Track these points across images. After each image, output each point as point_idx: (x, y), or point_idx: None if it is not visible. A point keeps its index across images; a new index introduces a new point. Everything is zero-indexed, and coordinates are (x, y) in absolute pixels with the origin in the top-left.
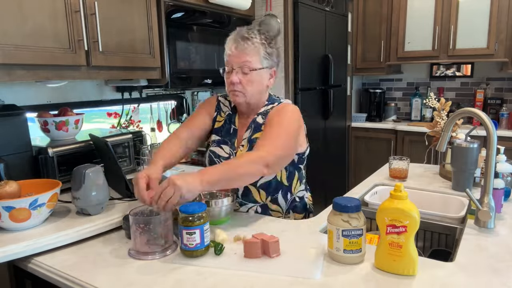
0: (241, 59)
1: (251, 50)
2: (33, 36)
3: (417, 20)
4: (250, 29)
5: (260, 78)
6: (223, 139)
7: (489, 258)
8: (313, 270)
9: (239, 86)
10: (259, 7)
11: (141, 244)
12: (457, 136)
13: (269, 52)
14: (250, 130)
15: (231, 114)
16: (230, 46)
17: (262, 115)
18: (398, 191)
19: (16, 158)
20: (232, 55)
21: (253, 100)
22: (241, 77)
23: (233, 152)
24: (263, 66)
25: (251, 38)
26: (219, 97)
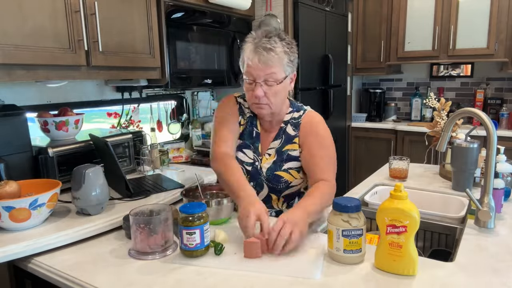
0: (265, 72)
1: (275, 62)
2: (33, 36)
3: (417, 20)
4: (271, 37)
5: (284, 87)
6: (245, 143)
7: (489, 258)
8: (313, 270)
9: (265, 99)
10: (259, 7)
11: (141, 244)
12: (457, 136)
13: (292, 59)
14: (281, 141)
15: (253, 117)
16: (251, 57)
17: (291, 125)
18: (398, 191)
19: (16, 158)
20: (255, 67)
21: (278, 110)
22: (266, 90)
23: (257, 158)
24: (286, 75)
25: (274, 48)
26: (238, 98)
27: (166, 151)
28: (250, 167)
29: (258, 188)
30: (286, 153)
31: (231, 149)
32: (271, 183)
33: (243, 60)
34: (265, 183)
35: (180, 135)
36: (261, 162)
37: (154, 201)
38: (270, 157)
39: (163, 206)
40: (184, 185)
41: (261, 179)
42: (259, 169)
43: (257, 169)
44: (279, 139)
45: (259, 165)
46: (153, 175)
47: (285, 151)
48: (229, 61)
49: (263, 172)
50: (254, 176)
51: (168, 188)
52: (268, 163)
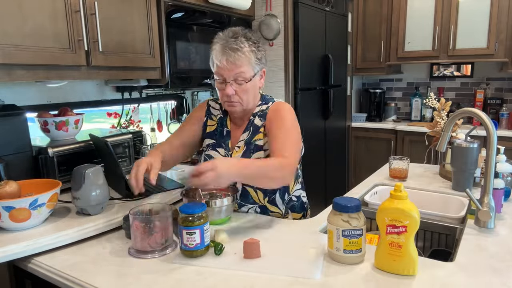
0: (234, 71)
1: (243, 61)
2: (33, 36)
3: (417, 20)
4: (237, 37)
5: (254, 84)
6: (217, 142)
7: (489, 258)
8: (313, 270)
9: (236, 97)
10: (259, 7)
11: (141, 243)
12: (457, 136)
13: (259, 57)
14: (249, 132)
15: (223, 117)
16: (219, 58)
17: (259, 116)
18: (398, 191)
19: (16, 158)
20: (223, 68)
21: (250, 106)
22: (236, 88)
23: (228, 154)
24: (255, 72)
25: (241, 48)
26: (210, 101)
27: None
28: None
29: (232, 182)
30: (253, 143)
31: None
32: None
33: (213, 60)
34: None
35: None
36: (232, 156)
37: (154, 201)
38: (240, 149)
39: (163, 205)
40: (184, 185)
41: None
42: None
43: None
44: (247, 131)
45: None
46: None
47: (253, 142)
48: None
49: None
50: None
51: (168, 188)
52: (237, 156)
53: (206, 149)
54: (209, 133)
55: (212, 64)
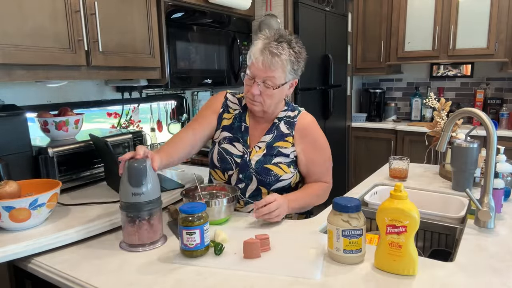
0: (265, 74)
1: (277, 67)
2: (33, 36)
3: (417, 20)
4: (281, 42)
5: (281, 92)
6: (234, 136)
7: (489, 258)
8: (313, 270)
9: (259, 98)
10: (259, 7)
11: (131, 235)
12: (457, 136)
13: (295, 68)
14: (272, 136)
15: (242, 112)
16: (256, 56)
17: (285, 123)
18: (398, 191)
19: (16, 158)
20: (257, 67)
21: (270, 110)
22: (262, 90)
23: (246, 151)
24: (286, 81)
25: (280, 54)
26: (228, 93)
27: None
28: (240, 159)
29: (247, 180)
30: (276, 149)
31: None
32: (260, 175)
33: (250, 56)
34: (254, 175)
35: None
36: (250, 155)
37: None
38: (260, 150)
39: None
40: (184, 185)
41: (250, 172)
42: (248, 161)
43: (246, 162)
44: (271, 134)
45: (248, 157)
46: None
47: (276, 146)
48: (229, 61)
49: (252, 164)
50: (243, 168)
51: (168, 188)
52: (257, 156)
53: (222, 142)
54: (226, 126)
55: (248, 58)
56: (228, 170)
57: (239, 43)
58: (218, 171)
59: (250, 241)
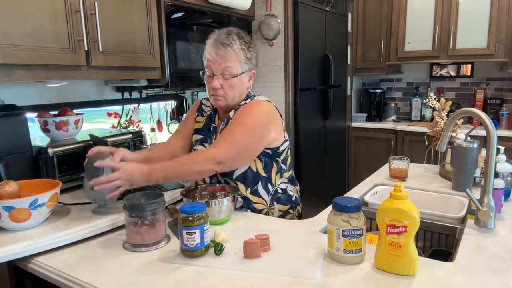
0: (222, 65)
1: (231, 56)
2: (33, 36)
3: (417, 20)
4: (230, 34)
5: (241, 82)
6: (205, 137)
7: (489, 258)
8: (313, 270)
9: (221, 91)
10: (259, 7)
11: (133, 235)
12: (457, 136)
13: (248, 56)
14: (223, 124)
15: (212, 114)
16: (210, 51)
17: (235, 110)
18: (398, 191)
19: (16, 158)
20: (213, 60)
21: (233, 103)
22: (222, 82)
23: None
24: (243, 71)
25: (231, 44)
26: (203, 99)
27: None
28: None
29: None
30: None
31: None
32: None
33: (204, 55)
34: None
35: None
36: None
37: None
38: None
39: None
40: (184, 185)
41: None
42: None
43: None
44: (222, 123)
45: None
46: None
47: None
48: None
49: None
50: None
51: (168, 188)
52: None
53: (194, 144)
54: (198, 129)
55: (204, 58)
56: None
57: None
58: None
59: (250, 241)
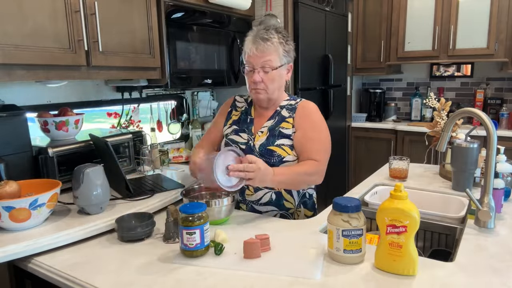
0: (262, 59)
1: (271, 50)
2: (33, 36)
3: (417, 20)
4: (268, 29)
5: (280, 75)
6: (241, 128)
7: (489, 258)
8: (313, 270)
9: (262, 85)
10: (259, 7)
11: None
12: (457, 136)
13: (287, 49)
14: (274, 121)
15: (247, 108)
16: (250, 47)
17: (287, 109)
18: (398, 191)
19: (16, 158)
20: (253, 55)
21: (274, 96)
22: (262, 76)
23: (251, 138)
24: (282, 64)
25: (270, 38)
26: (236, 96)
27: (166, 151)
28: (244, 146)
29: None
30: (278, 130)
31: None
32: (264, 157)
33: (244, 51)
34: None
35: (180, 135)
36: (254, 140)
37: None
38: (263, 134)
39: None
40: (184, 185)
41: (254, 155)
42: (253, 147)
43: (250, 147)
44: (272, 120)
45: (253, 143)
46: (153, 175)
47: (277, 129)
48: (229, 61)
49: (256, 148)
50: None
51: (168, 188)
52: (260, 140)
53: (229, 134)
54: (234, 121)
55: (243, 55)
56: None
57: (239, 43)
58: None
59: (250, 241)
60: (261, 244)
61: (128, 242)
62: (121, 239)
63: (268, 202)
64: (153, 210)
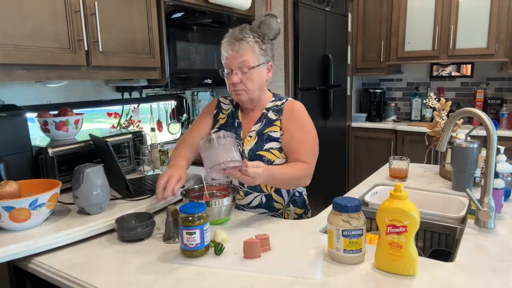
0: (238, 60)
1: (246, 50)
2: (33, 36)
3: (417, 20)
4: (242, 29)
5: (259, 74)
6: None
7: (489, 258)
8: (313, 270)
9: (241, 85)
10: (259, 7)
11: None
12: (457, 136)
13: (263, 48)
14: (261, 124)
15: (234, 111)
16: (226, 48)
17: (273, 111)
18: (398, 191)
19: (16, 158)
20: (229, 57)
21: (255, 95)
22: (241, 77)
23: (240, 143)
24: (260, 63)
25: (244, 38)
26: (220, 97)
27: (166, 151)
28: None
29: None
30: (266, 134)
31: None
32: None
33: (222, 54)
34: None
35: (180, 135)
36: (243, 146)
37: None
38: (251, 139)
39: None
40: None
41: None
42: (242, 152)
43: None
44: (259, 123)
45: (241, 148)
46: (153, 175)
47: (265, 133)
48: None
49: (245, 153)
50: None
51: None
52: (250, 145)
53: None
54: (220, 126)
55: (221, 57)
56: None
57: None
58: None
59: (250, 241)
60: (261, 244)
61: (128, 242)
62: (121, 239)
63: (258, 205)
64: (153, 210)
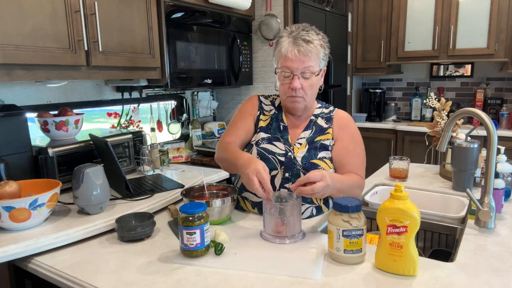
0: (304, 64)
1: (313, 54)
2: (33, 36)
3: (417, 20)
4: (308, 30)
5: (318, 81)
6: (273, 136)
7: (490, 258)
8: (313, 270)
9: (300, 91)
10: (259, 7)
11: (272, 227)
12: (457, 136)
13: (326, 53)
14: (311, 132)
15: (277, 113)
16: (289, 49)
17: (322, 118)
18: (398, 191)
19: (16, 158)
20: (294, 59)
21: (310, 104)
22: (302, 82)
23: (289, 149)
24: (320, 68)
25: (312, 40)
26: (260, 97)
27: (166, 151)
28: (283, 158)
29: (294, 179)
30: (319, 142)
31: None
32: (308, 171)
33: (280, 53)
34: (302, 172)
35: (180, 135)
36: (294, 152)
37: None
38: (302, 146)
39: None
40: (184, 185)
41: (297, 169)
42: (294, 159)
43: (291, 159)
44: (309, 130)
45: (293, 155)
46: (153, 175)
47: (317, 141)
48: (229, 61)
49: (298, 161)
50: (288, 166)
51: (168, 188)
52: (301, 152)
53: (260, 143)
54: (263, 128)
55: (276, 58)
56: (272, 170)
57: (239, 43)
58: None
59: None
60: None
61: (128, 242)
62: (121, 239)
63: (309, 216)
64: (153, 210)
